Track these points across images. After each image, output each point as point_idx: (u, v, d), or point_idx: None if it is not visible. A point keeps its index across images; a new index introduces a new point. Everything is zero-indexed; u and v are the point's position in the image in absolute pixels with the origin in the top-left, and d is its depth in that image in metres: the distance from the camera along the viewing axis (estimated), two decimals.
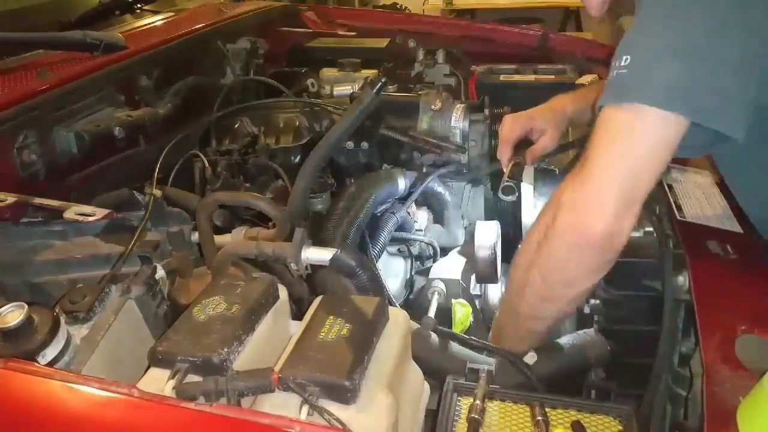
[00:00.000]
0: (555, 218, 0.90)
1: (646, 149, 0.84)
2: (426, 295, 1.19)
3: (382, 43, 2.02)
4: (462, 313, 1.14)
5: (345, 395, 0.65)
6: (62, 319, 0.76)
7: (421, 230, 1.37)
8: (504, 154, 1.28)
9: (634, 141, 0.84)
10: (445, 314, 1.16)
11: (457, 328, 1.14)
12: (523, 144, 1.28)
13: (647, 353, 0.92)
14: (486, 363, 0.93)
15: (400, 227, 1.31)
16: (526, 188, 1.32)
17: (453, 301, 1.15)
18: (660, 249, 0.99)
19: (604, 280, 1.07)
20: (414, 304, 1.27)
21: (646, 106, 0.81)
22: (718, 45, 0.80)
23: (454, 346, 1.01)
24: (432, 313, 1.10)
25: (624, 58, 0.84)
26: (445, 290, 1.21)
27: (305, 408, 0.64)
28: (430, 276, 1.25)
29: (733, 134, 0.81)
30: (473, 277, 1.29)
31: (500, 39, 2.12)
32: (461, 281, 1.24)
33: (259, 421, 0.62)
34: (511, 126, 1.28)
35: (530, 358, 0.98)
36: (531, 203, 1.31)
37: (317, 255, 0.89)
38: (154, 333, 0.87)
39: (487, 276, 1.23)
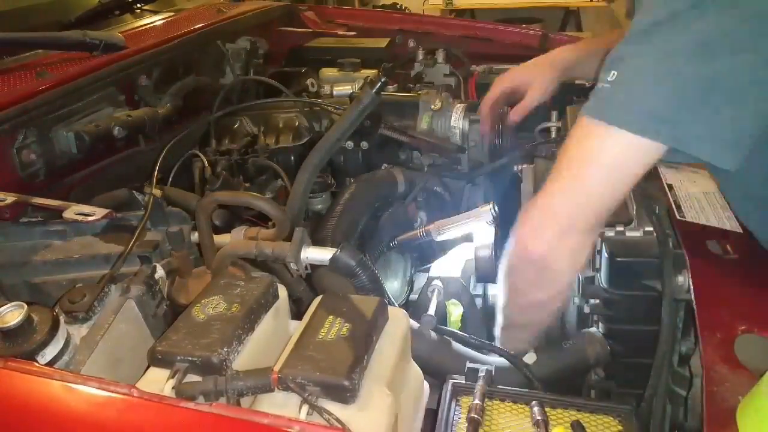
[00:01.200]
0: (518, 224, 0.92)
1: (613, 173, 0.81)
2: (426, 294, 1.19)
3: (382, 43, 2.02)
4: (456, 314, 1.14)
5: (344, 395, 0.65)
6: (62, 319, 0.76)
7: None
8: (482, 111, 1.23)
9: (601, 164, 0.81)
10: (445, 313, 1.16)
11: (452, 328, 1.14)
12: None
13: (647, 353, 0.92)
14: (486, 362, 0.93)
15: (400, 227, 1.31)
16: (527, 181, 1.31)
17: (447, 301, 1.15)
18: (660, 249, 0.99)
19: (605, 280, 1.07)
20: (414, 304, 1.27)
21: (623, 130, 0.76)
22: (710, 68, 0.72)
23: (454, 345, 1.01)
24: (432, 311, 1.09)
25: (612, 72, 0.78)
26: (444, 289, 1.21)
27: (305, 408, 0.64)
28: (430, 275, 1.25)
29: (723, 165, 0.75)
30: (473, 277, 1.29)
31: (500, 39, 2.11)
32: (461, 280, 1.24)
33: (258, 421, 0.62)
34: (493, 86, 1.24)
35: (530, 358, 0.98)
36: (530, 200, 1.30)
37: (317, 255, 0.89)
38: (153, 333, 0.86)
39: (487, 275, 1.23)
